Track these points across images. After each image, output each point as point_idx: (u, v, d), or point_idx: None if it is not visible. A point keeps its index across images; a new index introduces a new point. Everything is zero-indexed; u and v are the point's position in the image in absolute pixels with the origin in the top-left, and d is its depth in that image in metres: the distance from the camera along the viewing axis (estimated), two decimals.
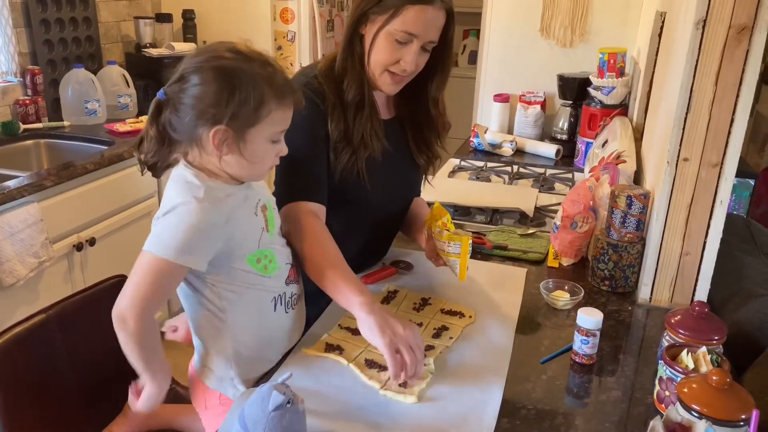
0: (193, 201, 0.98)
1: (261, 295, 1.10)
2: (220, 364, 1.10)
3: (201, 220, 0.98)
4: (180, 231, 0.97)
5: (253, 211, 1.08)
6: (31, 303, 1.98)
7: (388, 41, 1.23)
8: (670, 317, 1.08)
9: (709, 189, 1.26)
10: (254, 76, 0.99)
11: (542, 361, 1.16)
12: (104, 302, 1.38)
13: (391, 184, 1.39)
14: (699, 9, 1.17)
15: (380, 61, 1.25)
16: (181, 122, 0.99)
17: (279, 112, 1.02)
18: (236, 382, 1.10)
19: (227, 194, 1.03)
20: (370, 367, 1.10)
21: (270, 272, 1.10)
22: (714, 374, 0.86)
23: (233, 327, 1.08)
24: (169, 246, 0.97)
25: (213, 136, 0.98)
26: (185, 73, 0.99)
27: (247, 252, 1.07)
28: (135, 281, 1.00)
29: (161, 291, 1.01)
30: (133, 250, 2.18)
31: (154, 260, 0.98)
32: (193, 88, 0.98)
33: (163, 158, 1.05)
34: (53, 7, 2.67)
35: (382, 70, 1.26)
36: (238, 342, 1.09)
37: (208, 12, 3.31)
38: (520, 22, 2.68)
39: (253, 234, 1.07)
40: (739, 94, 1.20)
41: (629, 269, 1.40)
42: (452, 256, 1.28)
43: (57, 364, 1.30)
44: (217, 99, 0.97)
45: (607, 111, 2.31)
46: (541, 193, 2.09)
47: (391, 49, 1.23)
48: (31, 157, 2.50)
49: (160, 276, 0.99)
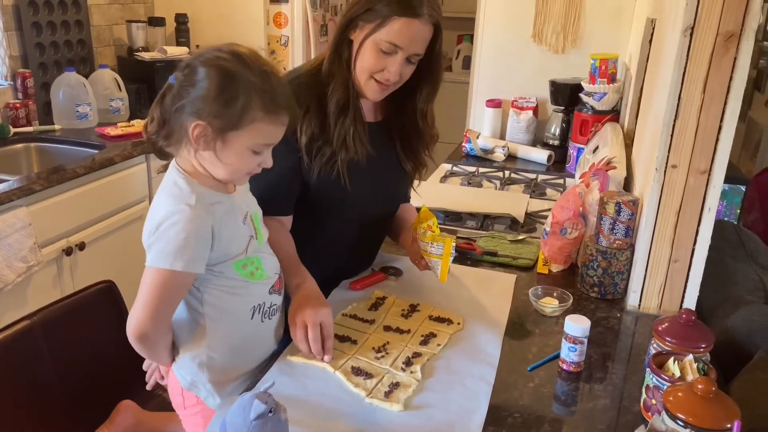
0: (187, 209, 1.00)
1: (242, 302, 1.10)
2: (193, 368, 1.11)
3: (198, 225, 1.00)
4: (181, 240, 0.98)
5: (241, 220, 1.09)
6: (20, 308, 1.96)
7: (374, 49, 1.23)
8: (657, 325, 1.07)
9: (697, 196, 1.26)
10: (247, 83, 0.99)
11: (530, 369, 1.15)
12: (90, 308, 1.39)
13: (377, 187, 1.39)
14: (687, 16, 1.17)
15: (365, 67, 1.26)
16: (175, 106, 1.01)
17: (264, 124, 1.02)
18: (209, 386, 1.10)
19: (214, 201, 1.04)
20: (357, 374, 1.10)
21: (257, 278, 1.11)
22: (699, 383, 0.86)
23: (210, 333, 1.09)
24: (176, 257, 0.98)
25: (192, 129, 1.00)
26: (193, 64, 1.01)
27: (234, 258, 1.07)
28: (147, 299, 1.02)
29: (174, 302, 1.05)
30: (123, 254, 2.18)
31: (163, 274, 1.00)
32: (194, 79, 1.00)
33: (163, 140, 1.05)
34: (45, 10, 2.66)
35: (367, 77, 1.27)
36: (212, 348, 1.10)
37: (201, 16, 3.30)
38: (512, 27, 2.69)
39: (240, 240, 1.08)
40: (726, 102, 1.20)
41: (618, 276, 1.40)
42: (434, 257, 1.28)
43: (42, 370, 1.29)
44: (204, 95, 0.99)
45: (599, 117, 2.31)
46: (533, 199, 2.09)
47: (376, 57, 1.24)
48: (21, 161, 2.48)
49: (171, 288, 1.02)
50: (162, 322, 1.05)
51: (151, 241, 1.00)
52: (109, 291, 1.41)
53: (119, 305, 1.42)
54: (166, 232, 0.99)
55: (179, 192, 1.02)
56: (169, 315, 1.06)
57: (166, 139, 1.05)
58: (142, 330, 1.03)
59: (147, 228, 1.02)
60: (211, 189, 1.05)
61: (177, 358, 1.12)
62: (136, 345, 1.06)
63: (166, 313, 1.05)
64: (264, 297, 1.13)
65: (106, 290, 1.40)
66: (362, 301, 1.35)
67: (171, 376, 1.15)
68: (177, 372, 1.13)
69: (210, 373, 1.10)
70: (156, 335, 1.06)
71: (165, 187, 1.05)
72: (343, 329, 1.24)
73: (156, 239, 1.00)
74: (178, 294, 1.04)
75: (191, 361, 1.10)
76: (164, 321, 1.06)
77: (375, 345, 1.19)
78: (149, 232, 1.01)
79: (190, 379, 1.11)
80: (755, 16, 1.14)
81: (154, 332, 1.05)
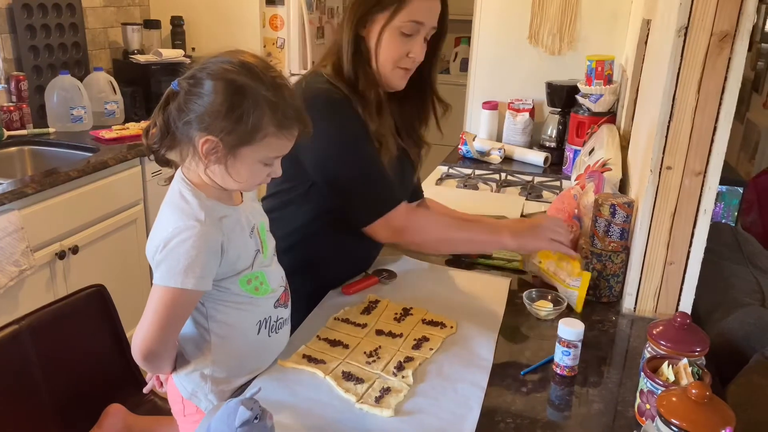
0: (197, 225, 0.96)
1: (248, 317, 1.08)
2: (195, 379, 1.08)
3: (208, 242, 0.97)
4: (192, 257, 0.96)
5: (248, 233, 1.07)
6: (11, 312, 1.95)
7: (395, 36, 1.25)
8: (651, 328, 1.06)
9: (692, 198, 1.25)
10: (258, 98, 0.96)
11: (523, 373, 1.14)
12: (80, 313, 1.38)
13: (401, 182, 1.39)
14: (680, 16, 1.16)
15: (390, 57, 1.26)
16: (182, 120, 0.98)
17: (276, 138, 0.99)
18: (210, 396, 1.08)
19: (223, 215, 1.02)
20: (347, 379, 1.08)
21: (262, 294, 1.09)
22: (694, 387, 0.84)
23: (215, 348, 1.07)
24: (186, 275, 0.96)
25: (202, 144, 0.97)
26: (199, 75, 0.97)
27: (240, 273, 1.05)
28: (154, 318, 0.99)
29: (182, 319, 1.03)
30: (117, 258, 2.16)
31: (172, 292, 0.97)
32: (200, 91, 0.96)
33: (166, 149, 1.02)
34: (39, 13, 2.65)
35: (392, 67, 1.28)
36: (217, 362, 1.07)
37: (197, 19, 3.29)
38: (508, 29, 2.68)
39: (247, 255, 1.06)
40: (721, 102, 1.18)
41: (613, 278, 1.38)
42: (572, 288, 1.35)
43: (30, 375, 1.27)
44: (216, 110, 0.95)
45: (595, 118, 2.30)
46: (529, 201, 2.07)
47: (399, 43, 1.25)
48: (15, 165, 2.48)
49: (180, 306, 0.99)
50: (169, 340, 1.03)
51: (159, 258, 0.97)
52: (99, 295, 1.39)
53: (109, 310, 1.40)
54: (176, 250, 0.96)
55: (187, 206, 0.99)
56: (177, 332, 1.04)
57: (169, 149, 1.02)
58: (149, 348, 1.01)
59: (153, 243, 0.99)
60: (219, 201, 1.03)
61: (179, 369, 1.09)
62: (142, 363, 1.04)
63: (174, 331, 1.03)
64: (270, 311, 1.11)
65: (96, 294, 1.39)
66: (355, 305, 1.33)
67: (171, 385, 1.13)
68: (178, 381, 1.10)
69: (213, 384, 1.08)
70: (163, 353, 1.03)
71: (171, 199, 1.02)
72: (335, 333, 1.22)
73: (164, 257, 0.96)
74: (186, 311, 1.02)
75: (194, 372, 1.08)
76: (171, 339, 1.04)
77: (367, 349, 1.17)
78: (156, 248, 0.97)
79: (191, 389, 1.09)
80: (749, 16, 1.13)
81: (161, 350, 1.02)
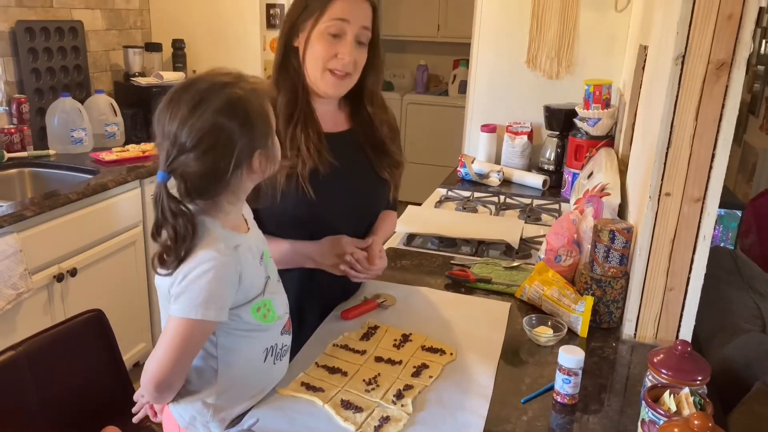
0: (218, 256, 0.95)
1: (256, 344, 1.07)
2: (197, 407, 1.07)
3: (228, 272, 0.97)
4: (213, 289, 0.95)
5: (258, 261, 1.06)
6: (8, 335, 1.94)
7: (322, 38, 1.24)
8: (652, 356, 1.05)
9: (691, 224, 1.25)
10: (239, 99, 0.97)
11: (523, 401, 1.13)
12: (77, 338, 1.37)
13: (350, 200, 1.35)
14: (678, 44, 1.17)
15: (317, 58, 1.25)
16: (211, 180, 0.97)
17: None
18: (211, 425, 1.07)
19: (237, 244, 1.01)
20: (346, 408, 1.07)
21: (269, 321, 1.08)
22: (696, 418, 0.83)
23: (221, 375, 1.05)
24: (207, 306, 0.95)
25: (255, 164, 1.00)
26: (187, 141, 0.94)
27: (253, 300, 1.04)
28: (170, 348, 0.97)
29: (198, 349, 1.01)
30: (115, 281, 2.14)
31: (192, 324, 0.96)
32: (208, 142, 0.94)
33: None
34: (41, 36, 2.67)
35: (322, 70, 1.26)
36: (221, 391, 1.06)
37: (198, 42, 3.32)
38: (507, 53, 2.70)
39: (259, 282, 1.05)
40: (719, 129, 1.19)
41: (613, 304, 1.38)
42: (575, 314, 1.36)
43: (27, 401, 1.26)
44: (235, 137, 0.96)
45: (593, 142, 2.31)
46: (528, 224, 2.07)
47: (327, 45, 1.24)
48: (15, 187, 2.48)
49: (197, 336, 0.98)
50: (183, 370, 1.01)
51: (179, 290, 0.95)
52: (97, 320, 1.38)
53: (107, 335, 1.40)
54: (197, 282, 0.94)
55: (206, 236, 0.98)
56: (191, 363, 1.02)
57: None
58: (163, 378, 0.99)
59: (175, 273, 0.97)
60: (232, 230, 1.02)
61: (179, 398, 1.07)
62: (153, 393, 1.01)
63: (189, 362, 1.01)
64: (276, 338, 1.10)
65: (94, 319, 1.38)
66: (354, 331, 1.32)
67: (167, 414, 1.12)
68: (175, 411, 1.09)
69: (215, 412, 1.06)
70: (175, 382, 1.01)
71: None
72: (334, 360, 1.21)
73: (184, 288, 0.95)
74: (202, 342, 1.01)
75: (196, 401, 1.06)
76: (185, 369, 1.02)
77: (366, 377, 1.16)
78: (174, 279, 0.96)
79: (189, 417, 1.07)
80: (746, 45, 1.14)
81: (174, 380, 1.00)
